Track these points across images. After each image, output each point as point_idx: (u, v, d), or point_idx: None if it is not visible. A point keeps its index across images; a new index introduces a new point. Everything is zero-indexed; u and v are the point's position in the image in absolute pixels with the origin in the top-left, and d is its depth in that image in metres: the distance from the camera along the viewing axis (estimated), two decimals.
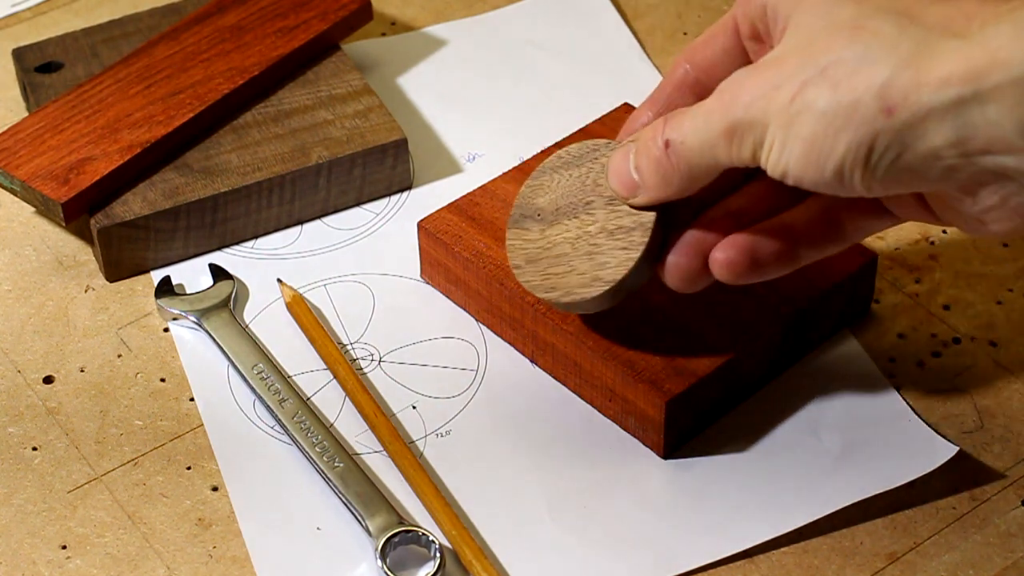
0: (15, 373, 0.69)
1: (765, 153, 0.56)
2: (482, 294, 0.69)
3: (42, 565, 0.62)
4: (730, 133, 0.56)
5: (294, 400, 0.66)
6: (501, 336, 0.70)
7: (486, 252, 0.69)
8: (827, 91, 0.54)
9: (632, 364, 0.64)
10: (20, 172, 0.72)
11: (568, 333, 0.66)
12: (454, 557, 0.61)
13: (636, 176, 0.61)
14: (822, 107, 0.54)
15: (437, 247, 0.70)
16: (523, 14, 0.88)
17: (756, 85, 0.56)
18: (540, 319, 0.67)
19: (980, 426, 0.66)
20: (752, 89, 0.56)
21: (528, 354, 0.69)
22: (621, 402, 0.65)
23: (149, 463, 0.66)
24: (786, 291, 0.67)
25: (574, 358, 0.66)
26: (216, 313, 0.70)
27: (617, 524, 0.63)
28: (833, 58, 0.54)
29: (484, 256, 0.69)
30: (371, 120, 0.76)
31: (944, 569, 0.61)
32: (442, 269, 0.71)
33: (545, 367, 0.68)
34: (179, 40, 0.79)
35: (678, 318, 0.66)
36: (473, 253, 0.69)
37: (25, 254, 0.75)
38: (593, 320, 0.66)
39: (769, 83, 0.55)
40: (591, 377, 0.66)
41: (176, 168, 0.74)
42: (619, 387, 0.65)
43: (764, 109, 0.55)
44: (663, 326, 0.66)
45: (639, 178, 0.60)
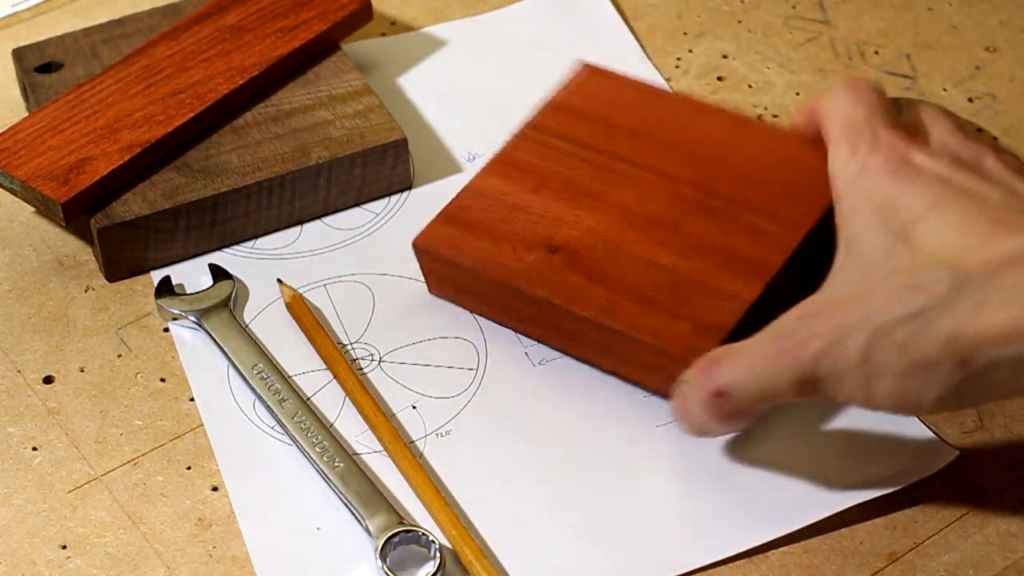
0: (15, 373, 0.69)
1: (844, 398, 0.58)
2: (495, 299, 0.69)
3: (42, 565, 0.62)
4: (800, 383, 0.58)
5: (294, 400, 0.66)
6: (531, 336, 0.69)
7: (488, 256, 0.68)
8: (896, 354, 0.56)
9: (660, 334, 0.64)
10: (20, 172, 0.72)
11: (586, 318, 0.65)
12: (454, 557, 0.61)
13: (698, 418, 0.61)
14: (897, 370, 0.56)
15: (437, 263, 0.70)
16: (523, 14, 0.88)
17: (820, 337, 0.57)
18: (561, 310, 0.66)
19: (980, 426, 0.66)
20: (816, 342, 0.57)
21: (558, 343, 0.68)
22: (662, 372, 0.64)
23: (149, 463, 0.66)
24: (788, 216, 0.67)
25: (603, 339, 0.66)
26: (216, 313, 0.70)
27: (617, 524, 0.63)
28: (895, 317, 0.56)
29: (487, 261, 0.68)
30: (371, 120, 0.76)
31: (944, 569, 0.61)
32: (449, 282, 0.70)
33: (577, 354, 0.68)
34: (179, 40, 0.79)
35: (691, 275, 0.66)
36: (475, 260, 0.68)
37: (25, 254, 0.75)
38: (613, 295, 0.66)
39: (833, 336, 0.57)
40: (625, 353, 0.66)
41: (176, 168, 0.74)
42: (654, 359, 0.64)
43: (835, 367, 0.57)
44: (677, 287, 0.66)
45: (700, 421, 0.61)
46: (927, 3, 0.88)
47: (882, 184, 0.60)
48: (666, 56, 0.85)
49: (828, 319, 0.58)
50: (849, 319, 0.57)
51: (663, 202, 0.69)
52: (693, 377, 0.61)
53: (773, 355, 0.58)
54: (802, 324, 0.58)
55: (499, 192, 0.71)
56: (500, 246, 0.68)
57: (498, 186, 0.71)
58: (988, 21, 0.87)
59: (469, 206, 0.70)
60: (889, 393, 0.57)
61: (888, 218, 0.59)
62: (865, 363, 0.57)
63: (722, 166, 0.70)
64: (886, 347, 0.56)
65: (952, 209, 0.58)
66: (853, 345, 0.57)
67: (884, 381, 0.57)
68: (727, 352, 0.60)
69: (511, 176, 0.71)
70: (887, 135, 0.62)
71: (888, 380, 0.57)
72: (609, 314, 0.65)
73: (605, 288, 0.66)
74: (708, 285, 0.65)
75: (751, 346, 0.60)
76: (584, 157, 0.71)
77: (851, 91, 0.65)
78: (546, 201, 0.70)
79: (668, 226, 0.68)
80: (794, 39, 0.86)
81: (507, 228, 0.69)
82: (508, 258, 0.68)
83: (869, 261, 0.59)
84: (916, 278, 0.57)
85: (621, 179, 0.70)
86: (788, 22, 0.87)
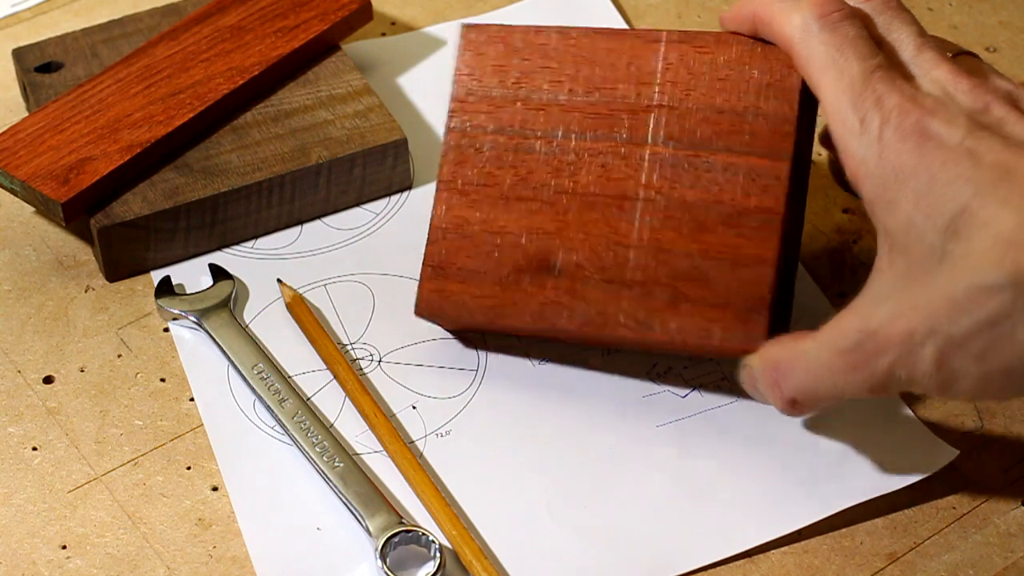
0: (15, 373, 0.69)
1: (921, 392, 0.59)
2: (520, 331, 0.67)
3: (42, 565, 0.62)
4: (873, 389, 0.58)
5: (294, 400, 0.66)
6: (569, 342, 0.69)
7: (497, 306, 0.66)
8: (973, 363, 0.55)
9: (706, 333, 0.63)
10: (20, 172, 0.72)
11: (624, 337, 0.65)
12: (454, 557, 0.61)
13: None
14: (975, 375, 0.56)
15: (448, 321, 0.69)
16: (523, 14, 0.88)
17: (890, 351, 0.57)
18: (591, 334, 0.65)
19: (980, 426, 0.66)
20: (887, 357, 0.57)
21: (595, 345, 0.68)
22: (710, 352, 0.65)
23: (149, 463, 0.66)
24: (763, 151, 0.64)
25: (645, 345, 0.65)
26: (216, 313, 0.70)
27: (617, 524, 0.63)
28: (965, 328, 0.55)
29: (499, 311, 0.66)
30: (371, 120, 0.76)
31: (944, 569, 0.61)
32: (467, 328, 0.70)
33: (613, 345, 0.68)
34: (179, 40, 0.79)
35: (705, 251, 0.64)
36: (487, 314, 0.66)
37: (25, 254, 0.75)
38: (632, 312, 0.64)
39: (903, 348, 0.56)
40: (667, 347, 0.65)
41: (176, 168, 0.74)
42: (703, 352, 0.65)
43: (909, 376, 0.57)
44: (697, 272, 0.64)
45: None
46: (927, 3, 0.88)
47: (911, 168, 0.58)
48: None
49: (894, 330, 0.56)
50: (917, 329, 0.56)
51: (637, 175, 0.65)
52: (760, 373, 0.61)
53: (843, 368, 0.58)
54: (867, 338, 0.57)
55: (468, 223, 0.67)
56: (504, 289, 0.66)
57: (463, 216, 0.67)
58: (988, 21, 0.87)
59: (446, 251, 0.67)
60: (968, 391, 0.57)
61: (931, 213, 0.57)
62: (940, 371, 0.56)
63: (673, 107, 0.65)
64: (961, 357, 0.55)
65: (996, 196, 0.55)
66: (926, 356, 0.56)
67: (961, 384, 0.56)
68: (791, 358, 0.60)
69: (469, 197, 0.67)
70: (891, 97, 0.59)
71: (966, 383, 0.56)
72: (647, 328, 0.64)
73: (628, 296, 0.64)
74: (726, 257, 0.63)
75: (816, 355, 0.59)
76: (526, 146, 0.67)
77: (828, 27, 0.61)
78: (519, 216, 0.66)
79: (659, 205, 0.64)
80: None
81: (499, 260, 0.66)
82: (518, 299, 0.65)
83: (920, 262, 0.57)
84: (978, 282, 0.55)
85: (579, 163, 0.66)
86: None
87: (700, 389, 0.68)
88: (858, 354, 0.57)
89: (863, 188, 0.60)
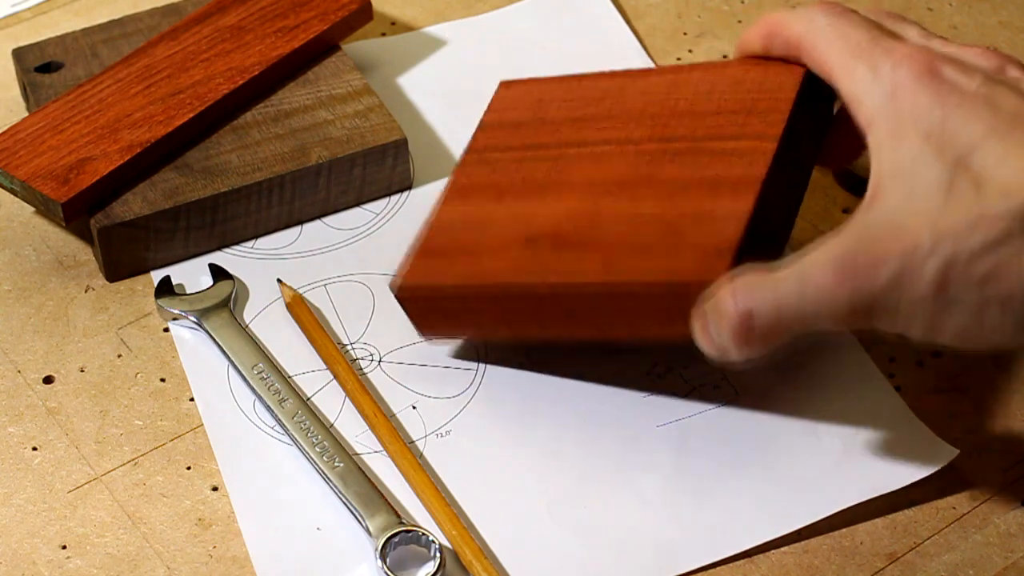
0: (15, 373, 0.69)
1: (898, 330, 0.56)
2: (491, 309, 0.66)
3: (42, 565, 0.62)
4: (854, 311, 0.55)
5: (294, 400, 0.66)
6: (533, 338, 0.67)
7: (470, 271, 0.66)
8: (975, 287, 0.54)
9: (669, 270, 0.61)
10: (20, 172, 0.72)
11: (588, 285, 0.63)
12: (454, 557, 0.61)
13: (720, 341, 0.58)
14: (971, 303, 0.54)
15: (421, 301, 0.67)
16: (523, 14, 0.88)
17: (891, 262, 0.54)
18: (560, 292, 0.63)
19: (980, 426, 0.66)
20: (887, 268, 0.54)
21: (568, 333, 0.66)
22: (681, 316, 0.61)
23: (149, 463, 0.66)
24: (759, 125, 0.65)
25: (612, 305, 0.63)
26: (216, 313, 0.70)
27: (617, 524, 0.63)
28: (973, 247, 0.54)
29: (471, 275, 0.66)
30: (371, 120, 0.76)
31: (944, 569, 0.61)
32: (438, 317, 0.68)
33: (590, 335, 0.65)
34: (179, 40, 0.79)
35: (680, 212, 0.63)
36: (459, 278, 0.66)
37: (25, 254, 0.75)
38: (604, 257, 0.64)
39: (906, 262, 0.54)
40: (638, 312, 0.63)
41: (176, 168, 0.74)
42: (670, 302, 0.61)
43: (903, 296, 0.54)
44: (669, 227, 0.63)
45: (723, 344, 0.58)
46: (927, 3, 0.88)
47: (924, 105, 0.57)
48: (666, 56, 0.85)
49: (897, 243, 0.55)
50: (923, 244, 0.54)
51: (627, 165, 0.66)
52: (718, 297, 0.58)
53: (826, 283, 0.55)
54: (865, 248, 0.55)
55: (462, 216, 0.68)
56: (479, 258, 0.66)
57: (460, 210, 0.68)
58: (988, 21, 0.87)
59: (435, 237, 0.68)
60: (957, 327, 0.55)
61: (942, 146, 0.56)
62: (938, 294, 0.54)
63: (672, 115, 0.67)
64: (964, 279, 0.54)
65: (1011, 138, 0.55)
66: (928, 274, 0.54)
67: (955, 314, 0.54)
68: (757, 274, 0.57)
69: (469, 198, 0.68)
70: (901, 46, 0.59)
71: (959, 314, 0.54)
72: (611, 272, 0.63)
73: (598, 252, 0.63)
74: (699, 214, 0.62)
75: (790, 273, 0.56)
76: (533, 156, 0.69)
77: (833, 15, 0.61)
78: (511, 205, 0.67)
79: (641, 182, 0.65)
80: None
81: (481, 240, 0.66)
82: (490, 264, 0.65)
83: (925, 192, 0.56)
84: (991, 209, 0.54)
85: (577, 160, 0.67)
86: None
87: (700, 389, 0.68)
88: (850, 265, 0.55)
89: (873, 131, 0.58)
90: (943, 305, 0.54)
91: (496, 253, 0.66)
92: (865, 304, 0.55)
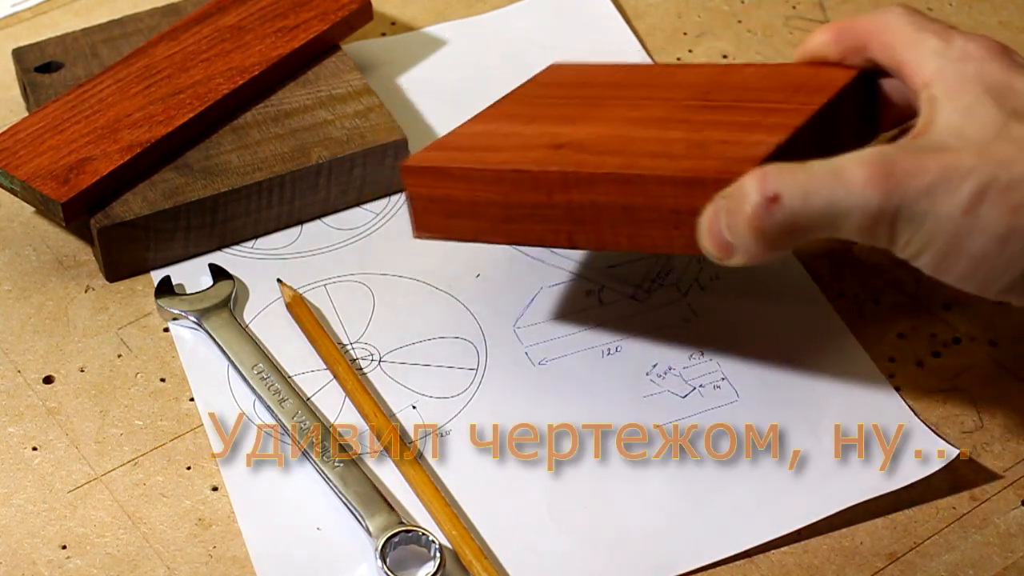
0: (15, 373, 0.69)
1: (914, 250, 0.55)
2: (497, 201, 0.63)
3: (42, 565, 0.62)
4: (878, 217, 0.55)
5: (294, 400, 0.66)
6: (530, 241, 0.64)
7: (486, 156, 0.64)
8: (1007, 213, 0.53)
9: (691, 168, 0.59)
10: (20, 172, 0.72)
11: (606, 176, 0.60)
12: (454, 557, 0.61)
13: (728, 235, 0.57)
14: (997, 230, 0.53)
15: (426, 181, 0.65)
16: (523, 14, 0.88)
17: (931, 172, 0.54)
18: (573, 182, 0.61)
19: (980, 426, 0.66)
20: (926, 176, 0.54)
21: (565, 237, 0.63)
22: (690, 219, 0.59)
23: (149, 463, 0.66)
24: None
25: (623, 200, 0.61)
26: (216, 313, 0.70)
27: (617, 524, 0.63)
28: (1016, 175, 0.53)
29: (485, 159, 0.64)
30: (371, 120, 0.76)
31: (944, 569, 0.62)
32: (438, 207, 0.65)
33: (586, 243, 0.63)
34: (179, 40, 0.79)
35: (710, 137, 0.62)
36: (471, 161, 0.64)
37: (25, 254, 0.75)
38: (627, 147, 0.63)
39: (945, 175, 0.54)
40: (648, 211, 0.60)
41: (176, 168, 0.74)
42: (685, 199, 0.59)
43: (934, 209, 0.54)
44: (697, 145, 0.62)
45: (732, 238, 0.57)
46: (927, 3, 0.88)
47: (991, 70, 0.58)
48: (666, 56, 0.85)
49: (940, 157, 0.54)
50: (964, 163, 0.54)
51: (664, 110, 0.65)
52: (741, 183, 0.56)
53: (864, 177, 0.54)
54: (907, 156, 0.55)
55: (485, 130, 0.67)
56: (495, 152, 0.65)
57: (485, 126, 0.68)
58: (988, 21, 0.87)
59: (453, 138, 0.67)
60: (973, 257, 0.54)
61: (1002, 98, 0.57)
62: (968, 213, 0.54)
63: (719, 87, 0.67)
64: (997, 203, 0.53)
65: None
66: (963, 190, 0.54)
67: (976, 239, 0.54)
68: (789, 165, 0.56)
69: (496, 120, 0.68)
70: (967, 34, 0.60)
71: (982, 240, 0.54)
72: (630, 166, 0.60)
73: (620, 155, 0.62)
74: (729, 140, 0.61)
75: (827, 165, 0.55)
76: (572, 98, 0.69)
77: (909, 9, 0.62)
78: (540, 127, 0.66)
79: (675, 120, 0.64)
80: (794, 39, 0.86)
81: (502, 144, 0.65)
82: (506, 155, 0.64)
83: (977, 128, 0.56)
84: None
85: (615, 103, 0.67)
86: (788, 22, 0.87)
87: (700, 389, 0.68)
88: (888, 167, 0.54)
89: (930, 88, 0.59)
90: (969, 226, 0.54)
91: (515, 151, 0.64)
92: (892, 210, 0.54)
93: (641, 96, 0.68)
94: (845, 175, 0.55)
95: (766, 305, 0.71)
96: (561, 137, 0.64)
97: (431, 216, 0.66)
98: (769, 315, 0.71)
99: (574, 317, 0.71)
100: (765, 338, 0.70)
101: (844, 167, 0.55)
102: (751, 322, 0.70)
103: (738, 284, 0.72)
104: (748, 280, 0.72)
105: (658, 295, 0.72)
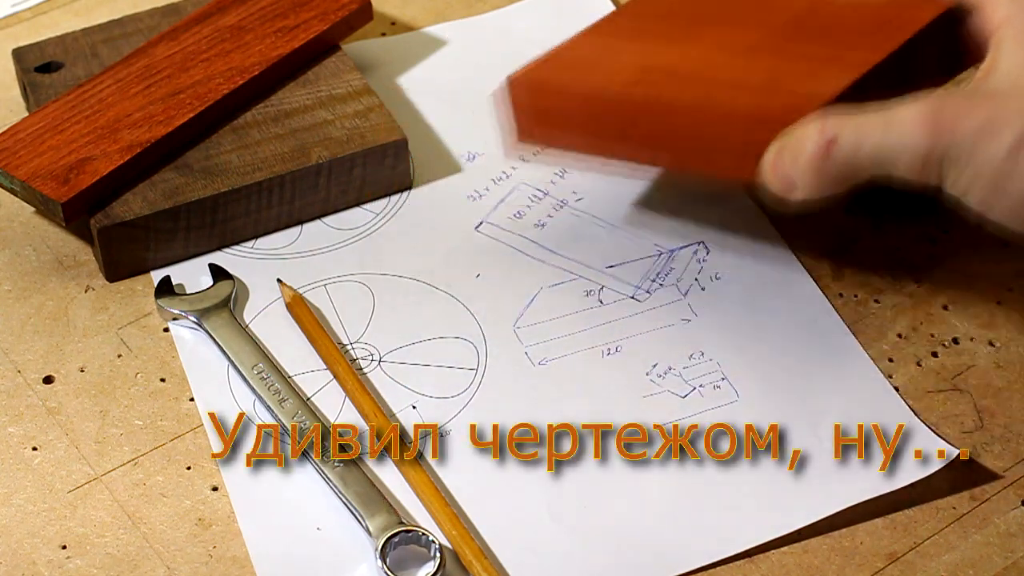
0: (15, 373, 0.69)
1: (962, 189, 0.58)
2: (587, 119, 0.69)
3: (42, 565, 0.62)
4: (928, 159, 0.57)
5: (294, 400, 0.66)
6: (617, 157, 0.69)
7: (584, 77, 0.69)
8: None
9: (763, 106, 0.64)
10: (20, 172, 0.72)
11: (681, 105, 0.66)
12: (454, 557, 0.61)
13: (791, 172, 0.60)
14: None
15: (531, 94, 0.70)
16: (523, 14, 0.88)
17: (979, 116, 0.57)
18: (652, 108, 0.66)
19: (980, 426, 0.66)
20: (973, 120, 0.57)
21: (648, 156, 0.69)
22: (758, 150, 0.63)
23: (149, 463, 0.66)
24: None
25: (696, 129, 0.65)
26: (216, 313, 0.70)
27: (617, 524, 0.63)
28: None
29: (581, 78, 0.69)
30: (371, 120, 0.76)
31: (944, 569, 0.62)
32: (540, 117, 0.70)
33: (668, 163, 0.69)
34: (179, 40, 0.79)
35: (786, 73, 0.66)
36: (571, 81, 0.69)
37: (25, 254, 0.75)
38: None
39: (992, 118, 0.56)
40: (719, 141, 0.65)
41: (176, 168, 0.74)
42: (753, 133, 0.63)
43: (979, 151, 0.56)
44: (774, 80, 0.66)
45: (794, 175, 0.60)
46: None
47: None
48: None
49: (988, 102, 0.57)
50: (1012, 107, 0.57)
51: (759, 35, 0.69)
52: (805, 124, 0.60)
53: (914, 122, 0.58)
54: (958, 101, 0.57)
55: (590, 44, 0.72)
56: (591, 72, 0.69)
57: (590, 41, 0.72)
58: None
59: (557, 55, 0.71)
60: (1015, 197, 0.56)
61: None
62: (1012, 157, 0.56)
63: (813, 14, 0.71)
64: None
65: None
66: (1010, 132, 0.56)
67: (1018, 180, 0.56)
68: (848, 108, 0.60)
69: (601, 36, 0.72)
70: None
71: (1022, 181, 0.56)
72: (704, 99, 0.65)
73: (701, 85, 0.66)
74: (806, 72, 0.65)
75: (881, 109, 0.59)
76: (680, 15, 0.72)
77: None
78: (642, 43, 0.71)
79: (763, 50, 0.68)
80: None
81: (598, 63, 0.70)
82: (599, 77, 0.68)
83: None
84: None
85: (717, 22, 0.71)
86: None
87: (700, 389, 0.68)
88: (938, 113, 0.57)
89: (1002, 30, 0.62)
90: (1012, 170, 0.56)
91: (608, 72, 0.68)
92: (940, 152, 0.57)
93: (740, 18, 0.72)
94: (896, 120, 0.58)
95: (766, 305, 0.71)
96: (653, 57, 0.69)
97: (532, 125, 0.71)
98: (769, 315, 0.71)
99: (574, 317, 0.71)
100: (765, 338, 0.70)
101: (896, 114, 0.59)
102: (751, 322, 0.70)
103: (738, 284, 0.72)
104: (748, 280, 0.72)
105: (658, 295, 0.72)
